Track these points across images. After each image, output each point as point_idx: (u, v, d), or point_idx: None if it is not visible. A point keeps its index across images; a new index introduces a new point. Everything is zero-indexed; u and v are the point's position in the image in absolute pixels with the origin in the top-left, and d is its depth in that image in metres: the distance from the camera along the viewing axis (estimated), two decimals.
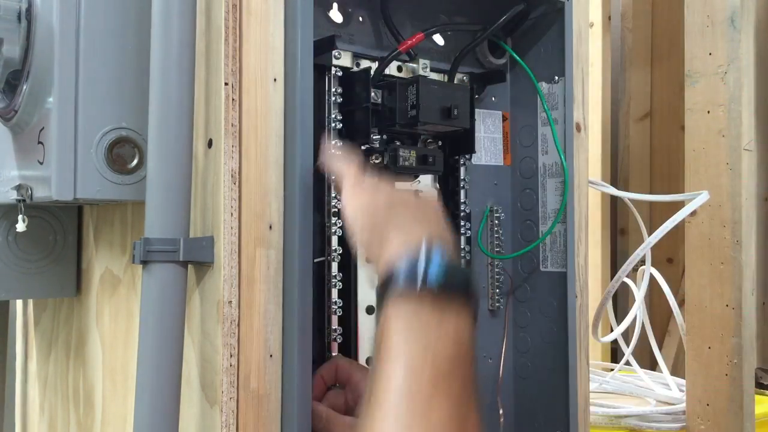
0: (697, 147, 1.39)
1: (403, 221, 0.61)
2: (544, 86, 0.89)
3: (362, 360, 0.79)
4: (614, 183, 2.28)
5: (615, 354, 2.10)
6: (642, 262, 1.37)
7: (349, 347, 0.78)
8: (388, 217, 0.61)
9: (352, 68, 0.78)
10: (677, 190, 1.42)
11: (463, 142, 0.85)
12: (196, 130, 0.69)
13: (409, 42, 0.79)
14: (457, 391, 0.53)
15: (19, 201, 0.80)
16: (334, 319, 0.76)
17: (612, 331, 1.55)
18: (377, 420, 0.51)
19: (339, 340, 0.76)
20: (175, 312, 0.66)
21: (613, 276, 1.61)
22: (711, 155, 1.37)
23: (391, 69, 0.81)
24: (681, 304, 1.59)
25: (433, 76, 0.83)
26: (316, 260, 0.71)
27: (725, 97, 1.35)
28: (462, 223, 0.86)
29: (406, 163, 0.79)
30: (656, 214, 2.16)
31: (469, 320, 0.56)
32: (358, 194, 0.64)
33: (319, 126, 0.75)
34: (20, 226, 0.83)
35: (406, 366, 0.52)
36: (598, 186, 1.42)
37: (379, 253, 0.59)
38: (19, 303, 1.16)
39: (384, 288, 0.56)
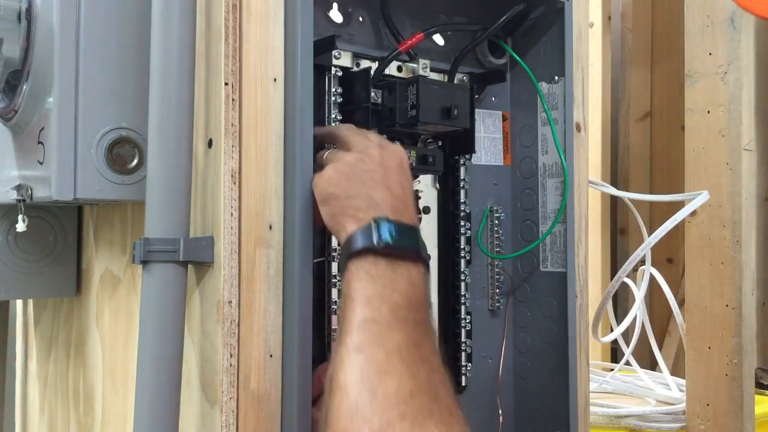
0: (697, 147, 1.39)
1: (360, 188, 0.66)
2: (544, 86, 0.89)
3: None
4: (614, 183, 2.28)
5: (615, 354, 2.10)
6: (642, 262, 1.37)
7: None
8: (346, 188, 0.66)
9: (352, 68, 0.78)
10: (677, 190, 1.42)
11: (463, 142, 0.85)
12: (196, 130, 0.69)
13: (409, 42, 0.79)
14: (412, 321, 0.61)
15: (19, 201, 0.80)
16: (334, 319, 0.76)
17: (612, 331, 1.55)
18: (343, 349, 0.59)
19: None
20: (175, 312, 0.66)
21: (613, 276, 1.61)
22: (711, 155, 1.37)
23: (391, 69, 0.81)
24: (681, 304, 1.59)
25: (433, 76, 0.83)
26: (315, 260, 0.71)
27: (725, 97, 1.35)
28: (462, 223, 0.86)
29: None
30: (656, 214, 2.16)
31: (421, 270, 0.65)
32: (319, 171, 0.69)
33: (319, 126, 0.75)
34: (20, 226, 0.83)
35: (365, 306, 0.60)
36: (598, 186, 1.42)
37: (336, 225, 0.66)
38: (19, 303, 1.16)
39: (344, 249, 0.65)
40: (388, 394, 0.55)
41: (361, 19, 0.81)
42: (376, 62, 0.80)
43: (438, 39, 0.88)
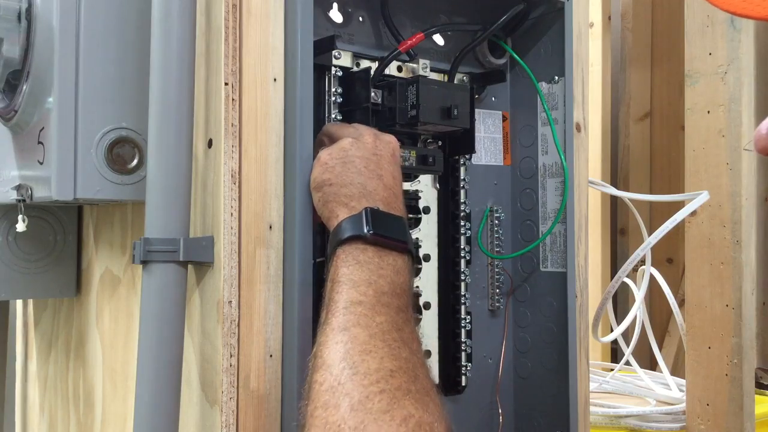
0: (697, 147, 1.39)
1: (354, 177, 0.67)
2: (544, 86, 0.89)
3: None
4: (614, 183, 2.28)
5: (615, 354, 2.10)
6: (642, 262, 1.37)
7: None
8: (341, 174, 0.67)
9: (352, 68, 0.78)
10: (677, 190, 1.42)
11: (463, 142, 0.85)
12: (196, 130, 0.69)
13: (409, 42, 0.79)
14: (395, 307, 0.63)
15: (19, 201, 0.80)
16: None
17: (612, 331, 1.55)
18: (328, 328, 0.61)
19: None
20: (175, 312, 0.66)
21: (613, 276, 1.61)
22: (711, 155, 1.37)
23: (391, 69, 0.81)
24: (681, 304, 1.59)
25: (433, 76, 0.83)
26: (315, 260, 0.71)
27: (725, 97, 1.35)
28: (462, 223, 0.86)
29: (406, 163, 0.79)
30: (656, 214, 2.16)
31: (406, 259, 0.67)
32: (314, 164, 0.70)
33: (319, 126, 0.75)
34: (20, 226, 0.83)
35: (351, 289, 0.62)
36: (598, 186, 1.42)
37: (328, 212, 0.68)
38: (19, 303, 1.16)
39: (334, 236, 0.66)
40: (369, 371, 0.57)
41: (361, 19, 0.81)
42: (376, 62, 0.80)
43: (438, 39, 0.88)
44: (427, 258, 0.85)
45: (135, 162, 0.74)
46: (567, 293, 0.86)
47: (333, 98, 0.76)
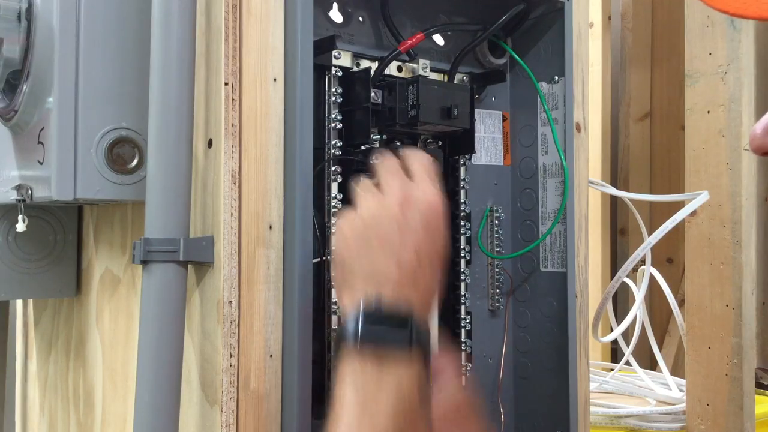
0: (697, 147, 1.39)
1: (364, 257, 0.61)
2: (544, 86, 0.89)
3: None
4: (614, 183, 2.28)
5: (615, 354, 2.10)
6: (642, 262, 1.37)
7: None
8: (352, 249, 0.62)
9: (352, 68, 0.78)
10: (677, 190, 1.42)
11: (463, 142, 0.85)
12: (196, 130, 0.69)
13: (409, 42, 0.79)
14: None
15: (19, 201, 0.80)
16: (334, 319, 0.76)
17: (612, 331, 1.55)
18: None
19: None
20: (175, 312, 0.66)
21: (613, 276, 1.61)
22: (711, 155, 1.37)
23: (391, 69, 0.81)
24: (681, 304, 1.59)
25: (433, 76, 0.83)
26: (315, 260, 0.71)
27: (725, 97, 1.35)
28: (462, 223, 0.86)
29: None
30: (656, 214, 2.16)
31: (415, 365, 0.58)
32: (339, 238, 0.63)
33: (319, 126, 0.75)
34: (20, 226, 0.83)
35: (351, 417, 0.57)
36: (598, 186, 1.42)
37: (338, 290, 0.64)
38: (19, 303, 1.16)
39: (336, 344, 0.61)
40: None
41: (361, 19, 0.81)
42: (376, 62, 0.80)
43: (438, 39, 0.88)
44: None
45: (135, 162, 0.74)
46: (567, 293, 0.86)
47: (333, 98, 0.76)
